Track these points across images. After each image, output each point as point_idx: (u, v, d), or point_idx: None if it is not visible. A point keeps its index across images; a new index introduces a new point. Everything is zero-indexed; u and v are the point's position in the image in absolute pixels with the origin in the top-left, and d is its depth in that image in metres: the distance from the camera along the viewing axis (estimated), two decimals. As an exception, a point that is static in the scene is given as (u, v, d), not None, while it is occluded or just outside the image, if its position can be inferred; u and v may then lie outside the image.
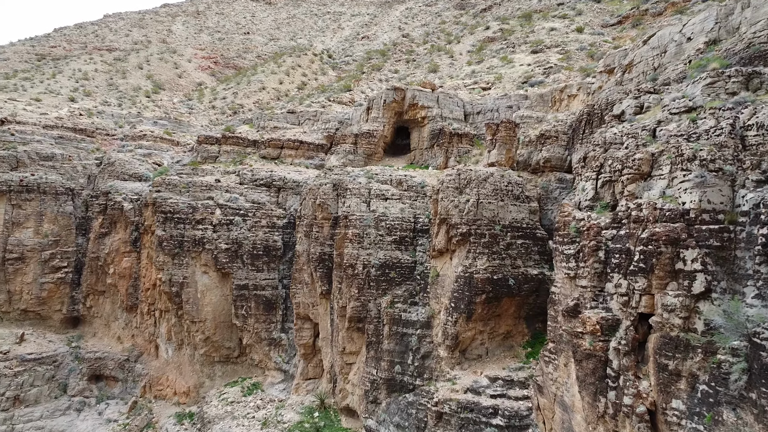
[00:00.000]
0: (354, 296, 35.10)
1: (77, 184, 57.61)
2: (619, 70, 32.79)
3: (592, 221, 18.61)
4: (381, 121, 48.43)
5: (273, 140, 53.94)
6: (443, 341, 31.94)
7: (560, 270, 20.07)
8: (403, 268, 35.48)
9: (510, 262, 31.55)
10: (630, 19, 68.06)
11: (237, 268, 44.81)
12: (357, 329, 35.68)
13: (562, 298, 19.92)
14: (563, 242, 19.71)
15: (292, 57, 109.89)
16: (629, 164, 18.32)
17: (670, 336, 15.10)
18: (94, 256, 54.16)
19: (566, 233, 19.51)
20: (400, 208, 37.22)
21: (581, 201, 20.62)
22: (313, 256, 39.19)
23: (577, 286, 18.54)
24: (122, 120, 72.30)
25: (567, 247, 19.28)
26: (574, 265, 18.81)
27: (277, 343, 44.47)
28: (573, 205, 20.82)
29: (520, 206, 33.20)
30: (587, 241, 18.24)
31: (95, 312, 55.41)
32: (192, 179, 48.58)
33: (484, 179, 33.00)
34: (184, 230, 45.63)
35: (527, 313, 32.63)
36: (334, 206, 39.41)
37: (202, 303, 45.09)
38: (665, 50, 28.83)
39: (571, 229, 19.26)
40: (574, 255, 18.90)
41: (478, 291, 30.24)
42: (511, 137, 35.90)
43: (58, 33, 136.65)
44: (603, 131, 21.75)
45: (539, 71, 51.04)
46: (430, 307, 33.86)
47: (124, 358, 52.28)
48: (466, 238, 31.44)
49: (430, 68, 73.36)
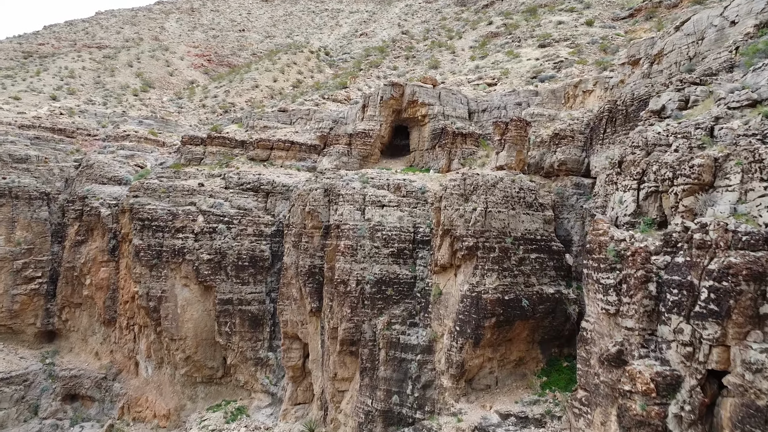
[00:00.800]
0: (346, 316, 31.25)
1: (53, 188, 53.81)
2: (646, 61, 28.94)
3: (637, 244, 14.74)
4: (378, 119, 44.57)
5: (262, 141, 50.07)
6: (447, 369, 28.09)
7: (594, 303, 16.19)
8: (401, 285, 31.63)
9: (523, 279, 27.70)
10: (643, 11, 64.19)
11: (220, 281, 40.96)
12: (350, 353, 31.84)
13: (598, 337, 16.06)
14: (599, 269, 15.82)
15: (288, 54, 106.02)
16: (684, 171, 14.49)
17: (756, 405, 11.25)
18: (69, 265, 50.35)
19: (603, 257, 15.64)
20: (399, 216, 33.37)
21: (618, 216, 16.76)
22: (302, 270, 35.35)
23: (619, 326, 14.68)
24: (106, 119, 68.47)
25: (604, 276, 15.41)
26: (615, 299, 14.94)
27: (264, 363, 40.63)
28: (608, 220, 16.95)
29: (534, 215, 29.37)
30: (632, 269, 14.38)
31: (71, 326, 51.60)
32: (173, 183, 44.74)
33: (493, 185, 29.17)
34: (163, 239, 41.82)
35: (542, 337, 28.81)
36: (326, 214, 35.57)
37: (182, 319, 41.24)
38: (702, 37, 24.99)
39: (610, 252, 15.38)
40: (614, 286, 15.03)
41: (486, 314, 26.39)
42: (522, 137, 32.07)
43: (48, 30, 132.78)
44: (642, 130, 17.88)
45: (549, 65, 47.18)
46: (432, 329, 30.03)
47: (102, 377, 48.45)
48: (472, 252, 27.60)
49: (430, 64, 69.48)
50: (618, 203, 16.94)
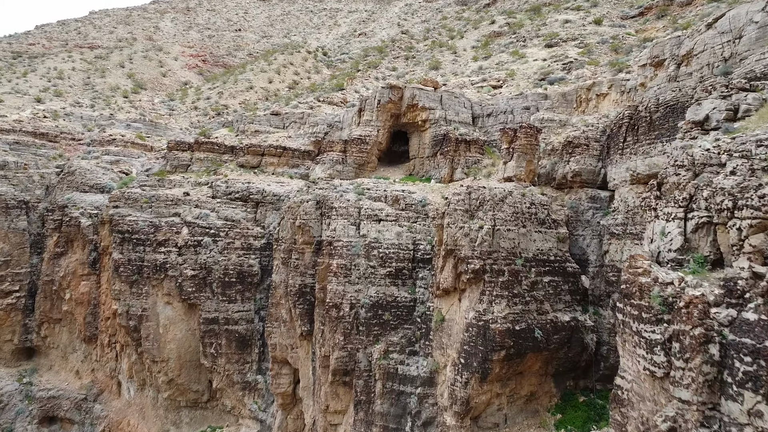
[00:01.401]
0: (339, 344, 28.35)
1: (33, 196, 50.93)
2: (671, 63, 26.04)
3: (691, 291, 11.84)
4: (375, 124, 41.64)
5: (253, 146, 47.09)
6: (450, 405, 25.19)
7: (633, 358, 13.28)
8: (399, 309, 28.74)
9: (535, 306, 24.80)
10: (653, 10, 61.30)
11: (205, 299, 38.06)
12: (343, 383, 28.94)
13: (637, 400, 13.16)
14: (640, 318, 12.92)
15: (284, 54, 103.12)
16: (750, 202, 11.62)
17: None
18: (48, 279, 47.46)
19: (645, 305, 12.73)
20: (397, 232, 30.48)
21: (661, 251, 13.87)
22: (292, 289, 32.45)
23: (670, 394, 11.78)
24: (92, 123, 65.54)
25: (648, 329, 12.51)
26: (663, 361, 12.04)
27: (252, 387, 37.72)
28: (649, 255, 14.05)
29: (546, 233, 26.48)
30: (687, 325, 11.47)
31: (51, 342, 48.72)
32: (156, 192, 41.83)
33: (501, 199, 26.29)
34: (144, 253, 38.95)
35: (556, 370, 25.94)
36: (318, 228, 32.71)
37: (164, 339, 38.35)
38: (740, 35, 22.11)
39: (654, 299, 12.48)
40: (662, 343, 12.12)
41: (495, 346, 23.49)
42: (533, 146, 29.17)
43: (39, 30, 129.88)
44: (686, 146, 14.98)
45: (558, 66, 44.29)
46: (434, 358, 27.13)
47: (82, 397, 45.56)
48: (479, 275, 24.71)
49: (431, 65, 66.58)
50: (660, 235, 14.02)
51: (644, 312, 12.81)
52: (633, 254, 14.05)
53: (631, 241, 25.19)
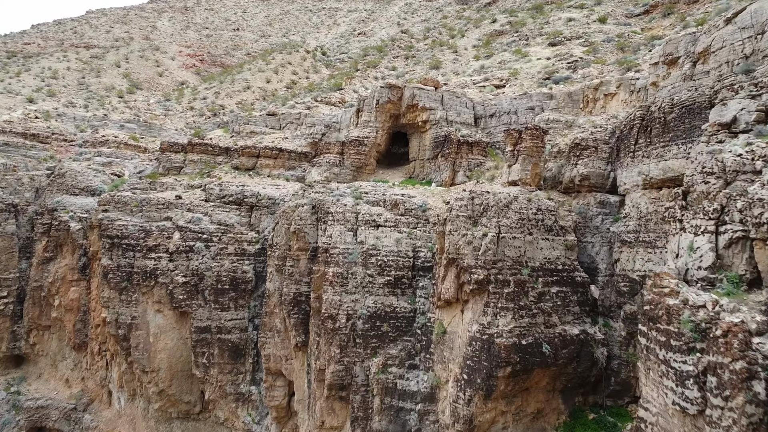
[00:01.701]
0: (335, 357, 26.92)
1: (22, 199, 49.49)
2: (687, 61, 24.62)
3: (729, 318, 10.43)
4: (373, 125, 40.20)
5: (248, 148, 45.62)
6: (452, 424, 23.77)
7: (660, 389, 11.83)
8: (398, 320, 27.32)
9: (543, 319, 23.37)
10: (659, 8, 59.95)
11: (197, 306, 36.62)
12: (339, 398, 27.51)
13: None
14: (668, 346, 11.49)
15: (282, 54, 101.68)
16: (796, 215, 10.12)
17: None
18: (37, 284, 46.02)
19: (675, 331, 11.30)
20: (396, 238, 29.05)
21: (690, 268, 12.44)
22: (287, 298, 31.02)
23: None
24: (85, 123, 64.10)
25: (679, 358, 11.08)
26: (697, 396, 10.60)
27: (245, 398, 36.29)
28: (675, 273, 12.62)
29: (554, 240, 25.06)
30: (725, 357, 10.04)
31: (40, 350, 47.29)
32: (147, 196, 40.43)
33: (506, 205, 24.88)
34: (134, 259, 37.53)
35: (564, 385, 24.51)
36: (313, 234, 31.29)
37: (154, 349, 36.92)
38: (763, 30, 20.67)
39: (685, 324, 11.05)
40: (695, 376, 10.67)
41: (500, 362, 22.07)
42: (539, 148, 27.73)
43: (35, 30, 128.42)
44: (714, 150, 13.53)
45: (563, 65, 42.86)
46: (435, 373, 25.71)
47: (71, 407, 44.11)
48: (483, 286, 23.29)
49: (431, 64, 65.14)
50: (688, 250, 12.57)
51: (673, 339, 11.36)
52: (658, 272, 12.62)
53: (644, 249, 23.80)
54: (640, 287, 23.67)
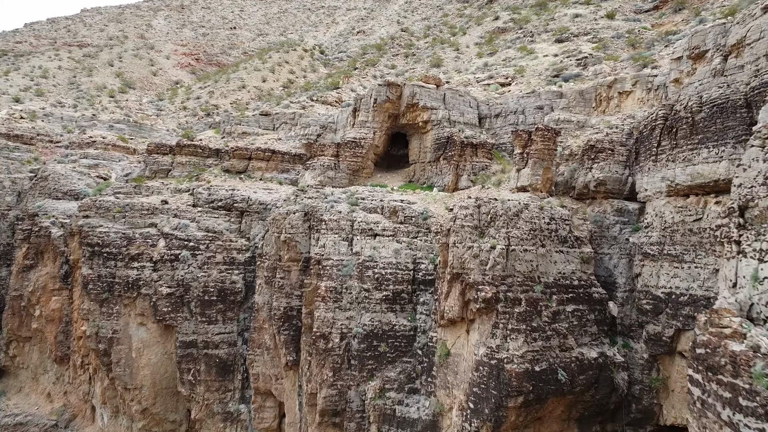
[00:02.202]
0: (327, 380, 24.57)
1: (3, 204, 47.37)
2: (716, 55, 22.26)
3: (822, 375, 7.94)
4: (371, 126, 37.85)
5: (239, 149, 43.30)
6: (457, 457, 21.41)
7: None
8: (397, 339, 24.98)
9: (558, 341, 21.01)
10: (669, 3, 57.60)
11: (183, 319, 34.28)
12: (333, 425, 25.16)
13: None
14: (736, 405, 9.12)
15: (279, 53, 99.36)
16: None
17: None
18: (16, 294, 43.62)
19: (745, 387, 8.92)
20: (395, 249, 26.70)
21: (755, 302, 10.08)
22: (276, 313, 28.69)
23: None
24: (73, 124, 61.76)
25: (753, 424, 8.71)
26: (781, 478, 8.20)
27: (234, 418, 33.92)
28: (737, 309, 10.25)
29: (569, 253, 22.72)
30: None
31: (20, 362, 44.91)
32: (131, 201, 38.09)
33: (516, 214, 22.54)
34: (116, 269, 35.17)
35: (581, 414, 22.14)
36: (305, 243, 28.97)
37: (137, 365, 34.58)
38: (808, 19, 18.35)
39: (758, 379, 8.67)
40: (778, 451, 8.29)
41: (511, 391, 19.71)
42: (551, 151, 25.40)
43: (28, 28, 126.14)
44: (777, 157, 11.15)
45: (571, 62, 40.54)
46: (437, 399, 23.35)
47: (52, 424, 41.71)
48: (491, 305, 20.93)
49: (432, 62, 62.80)
50: (752, 281, 10.20)
51: (742, 397, 8.98)
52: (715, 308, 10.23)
53: (669, 264, 21.44)
54: (665, 306, 21.35)
